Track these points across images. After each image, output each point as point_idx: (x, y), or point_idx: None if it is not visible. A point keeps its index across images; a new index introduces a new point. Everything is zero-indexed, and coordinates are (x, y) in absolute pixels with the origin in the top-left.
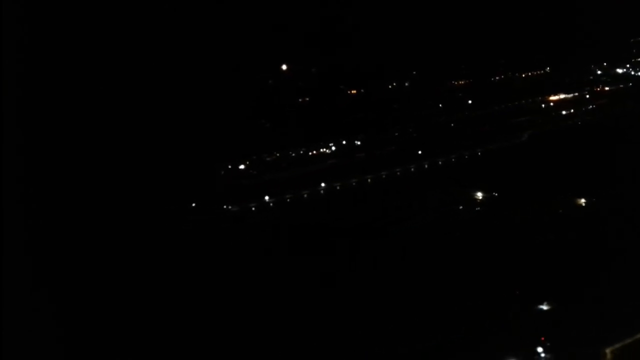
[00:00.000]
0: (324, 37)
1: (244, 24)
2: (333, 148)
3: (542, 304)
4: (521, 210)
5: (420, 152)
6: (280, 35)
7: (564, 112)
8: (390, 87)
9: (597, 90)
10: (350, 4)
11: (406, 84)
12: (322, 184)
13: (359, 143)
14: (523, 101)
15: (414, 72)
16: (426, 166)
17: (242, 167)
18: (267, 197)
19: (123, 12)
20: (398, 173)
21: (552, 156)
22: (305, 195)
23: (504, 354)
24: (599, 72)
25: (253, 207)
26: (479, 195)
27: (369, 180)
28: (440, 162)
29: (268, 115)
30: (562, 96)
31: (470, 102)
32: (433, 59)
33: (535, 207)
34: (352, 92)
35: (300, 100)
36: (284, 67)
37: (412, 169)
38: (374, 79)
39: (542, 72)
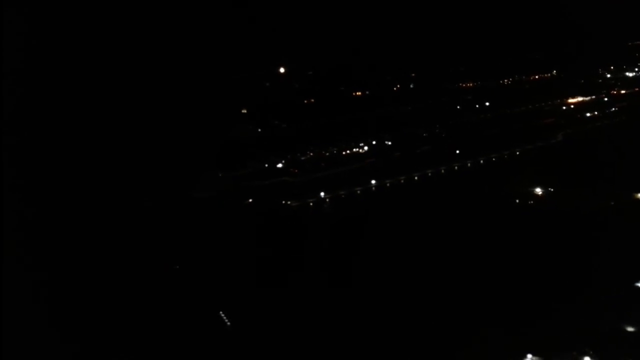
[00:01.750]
0: (331, 38)
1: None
2: (365, 148)
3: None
4: (585, 202)
5: (457, 151)
6: (290, 36)
7: (588, 115)
8: (396, 87)
9: (613, 93)
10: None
11: (411, 86)
12: (373, 181)
13: (390, 143)
14: (542, 103)
15: (414, 75)
16: (469, 164)
17: (279, 165)
18: (322, 194)
19: (122, 15)
20: (442, 171)
21: (589, 154)
22: (359, 192)
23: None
24: (608, 75)
25: (310, 202)
26: (538, 190)
27: (416, 177)
28: (481, 161)
29: (290, 118)
30: (580, 99)
31: (487, 104)
32: (442, 64)
33: (594, 200)
34: (357, 93)
35: (313, 100)
36: (281, 69)
37: (456, 167)
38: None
39: (550, 75)
